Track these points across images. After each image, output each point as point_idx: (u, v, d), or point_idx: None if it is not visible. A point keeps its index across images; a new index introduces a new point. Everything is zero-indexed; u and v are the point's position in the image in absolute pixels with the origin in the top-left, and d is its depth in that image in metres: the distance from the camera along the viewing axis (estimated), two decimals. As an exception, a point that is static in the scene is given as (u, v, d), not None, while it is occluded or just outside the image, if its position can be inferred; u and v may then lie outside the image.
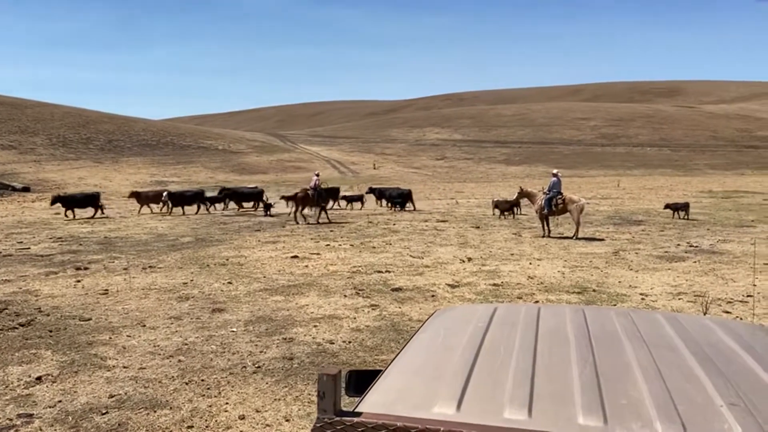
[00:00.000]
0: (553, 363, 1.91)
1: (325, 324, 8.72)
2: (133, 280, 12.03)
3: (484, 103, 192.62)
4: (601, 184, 51.78)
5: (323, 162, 79.11)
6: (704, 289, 10.70)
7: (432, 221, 23.09)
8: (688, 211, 23.27)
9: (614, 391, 1.71)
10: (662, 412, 1.59)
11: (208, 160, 74.82)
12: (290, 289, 11.09)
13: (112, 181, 55.78)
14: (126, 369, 6.92)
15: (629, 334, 2.19)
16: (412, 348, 2.26)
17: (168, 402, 5.98)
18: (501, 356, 1.97)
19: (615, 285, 11.22)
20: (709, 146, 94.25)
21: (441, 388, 1.74)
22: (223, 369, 6.89)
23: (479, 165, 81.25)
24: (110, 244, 17.56)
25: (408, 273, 12.55)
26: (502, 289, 10.99)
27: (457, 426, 1.37)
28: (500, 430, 1.36)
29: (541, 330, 2.23)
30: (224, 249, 16.20)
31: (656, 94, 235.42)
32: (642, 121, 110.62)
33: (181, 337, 8.11)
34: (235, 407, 5.86)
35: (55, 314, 9.39)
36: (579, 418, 1.56)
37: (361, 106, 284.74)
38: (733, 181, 55.39)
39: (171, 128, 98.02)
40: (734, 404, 1.64)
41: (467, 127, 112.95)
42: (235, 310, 9.57)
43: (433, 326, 2.51)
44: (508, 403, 1.63)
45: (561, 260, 13.99)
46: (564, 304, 8.67)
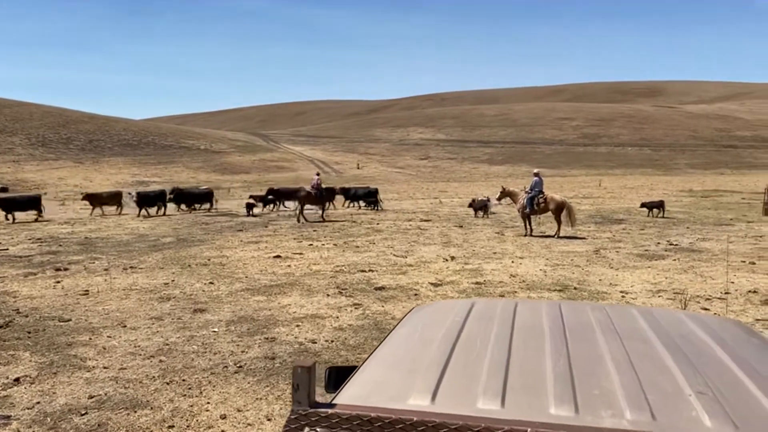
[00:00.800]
0: (527, 355, 1.94)
1: (308, 323, 8.71)
2: (113, 280, 11.93)
3: (467, 103, 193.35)
4: (582, 183, 52.23)
5: (306, 162, 78.96)
6: (683, 287, 10.84)
7: (416, 220, 23.15)
8: (663, 209, 23.60)
9: (587, 382, 1.74)
10: (632, 401, 1.62)
11: (189, 160, 74.35)
12: (272, 288, 11.05)
13: (92, 181, 55.25)
14: (106, 369, 6.86)
15: (603, 327, 2.22)
16: (390, 342, 2.27)
17: (149, 402, 5.94)
18: (477, 349, 1.99)
19: (596, 283, 11.33)
20: (689, 146, 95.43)
21: (416, 380, 1.76)
22: (205, 369, 6.86)
23: (462, 165, 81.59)
24: (91, 244, 17.39)
25: (391, 272, 12.57)
26: (484, 288, 11.05)
27: (429, 416, 1.39)
28: (472, 420, 1.38)
29: (517, 324, 2.26)
30: (206, 249, 16.11)
31: (637, 94, 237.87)
32: (623, 121, 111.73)
33: (162, 338, 8.05)
34: (216, 407, 5.83)
35: (34, 315, 9.29)
36: (551, 408, 1.59)
37: (345, 105, 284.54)
38: (712, 180, 56.15)
39: (152, 128, 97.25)
40: (702, 393, 1.67)
41: (450, 127, 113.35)
42: (216, 310, 9.53)
43: (411, 321, 2.53)
44: (482, 394, 1.65)
45: (543, 259, 14.09)
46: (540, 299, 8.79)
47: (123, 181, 56.80)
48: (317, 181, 24.27)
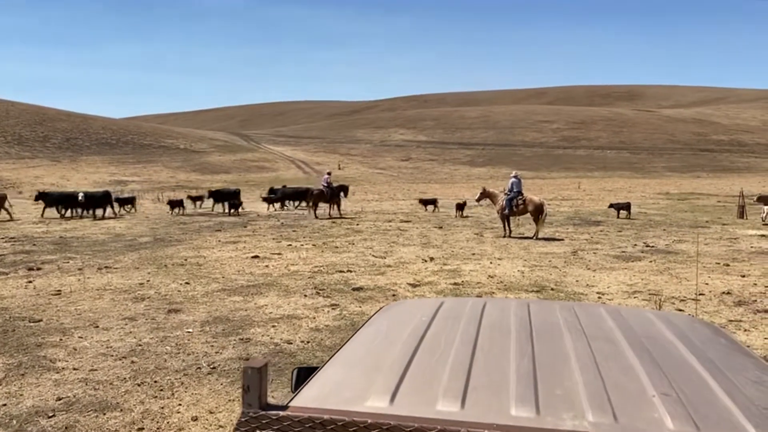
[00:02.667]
0: (491, 355, 1.91)
1: (284, 324, 8.64)
2: (87, 280, 11.74)
3: (449, 105, 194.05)
4: (562, 185, 52.62)
5: (287, 162, 78.66)
6: (659, 288, 10.93)
7: (396, 221, 23.13)
8: (629, 211, 23.96)
9: (550, 382, 1.71)
10: (595, 402, 1.59)
11: (169, 159, 73.67)
12: (249, 289, 10.95)
13: (70, 180, 54.49)
14: (76, 371, 6.73)
15: (570, 327, 2.20)
16: (355, 341, 2.23)
17: (119, 404, 5.83)
18: (441, 349, 1.96)
19: (573, 284, 11.38)
20: (666, 149, 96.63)
21: (377, 381, 1.72)
22: (177, 370, 6.75)
23: (443, 166, 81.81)
24: (65, 244, 17.12)
25: (370, 273, 12.53)
26: (462, 288, 11.05)
27: (384, 418, 1.35)
28: (429, 422, 1.34)
29: (483, 323, 2.23)
30: (183, 249, 15.94)
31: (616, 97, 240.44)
32: (602, 124, 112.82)
33: (135, 338, 7.93)
34: (188, 408, 5.74)
35: (4, 315, 9.09)
36: (512, 408, 1.56)
37: (326, 106, 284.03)
38: (689, 183, 56.88)
39: (131, 127, 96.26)
40: (666, 394, 1.65)
41: (432, 128, 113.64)
42: (191, 310, 9.41)
43: (378, 320, 2.49)
44: (442, 395, 1.61)
45: (521, 260, 14.14)
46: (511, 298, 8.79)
47: (101, 180, 56.05)
48: (328, 179, 25.20)
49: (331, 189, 24.82)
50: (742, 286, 11.01)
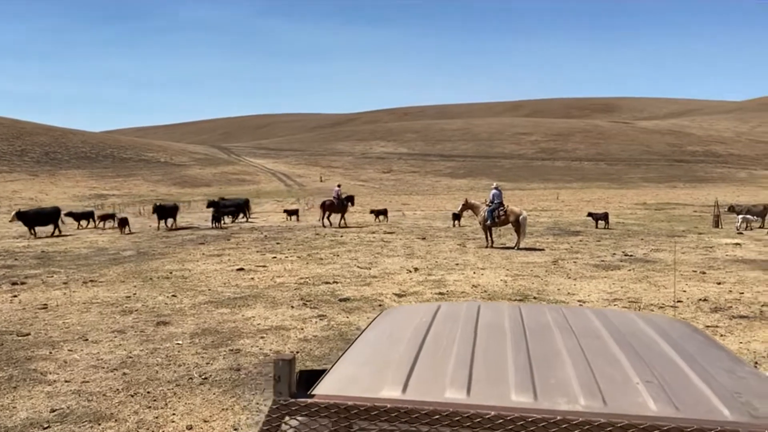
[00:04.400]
0: (490, 351, 2.08)
1: (272, 335, 8.74)
2: (73, 294, 11.73)
3: (429, 118, 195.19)
4: (541, 196, 53.20)
5: (269, 175, 78.54)
6: (638, 296, 11.21)
7: (379, 233, 23.29)
8: (607, 221, 24.41)
9: (544, 373, 1.90)
10: (586, 389, 1.78)
11: (149, 173, 73.19)
12: (236, 301, 11.03)
13: (48, 194, 53.89)
14: (68, 383, 6.78)
15: (560, 326, 2.39)
16: (360, 342, 2.40)
17: (113, 414, 5.90)
18: (443, 346, 2.13)
19: (554, 292, 11.62)
20: (643, 160, 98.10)
21: (388, 374, 1.88)
22: (170, 381, 6.83)
23: (425, 178, 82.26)
24: (48, 258, 17.03)
25: (355, 283, 12.66)
26: (447, 298, 11.23)
27: (402, 403, 1.52)
28: (441, 406, 1.51)
29: (480, 324, 2.41)
30: (167, 262, 15.94)
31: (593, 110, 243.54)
32: (580, 136, 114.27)
33: (125, 351, 7.98)
34: (182, 418, 5.83)
35: (-9, 330, 9.08)
36: (512, 395, 1.74)
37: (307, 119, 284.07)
38: (665, 193, 57.81)
39: (111, 140, 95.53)
40: (649, 381, 1.84)
41: (413, 140, 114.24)
42: (180, 322, 9.47)
43: (380, 323, 2.66)
44: (449, 385, 1.78)
45: (503, 269, 14.37)
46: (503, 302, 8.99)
47: (81, 194, 55.54)
48: (338, 191, 27.18)
49: (340, 200, 26.59)
50: (718, 293, 11.33)
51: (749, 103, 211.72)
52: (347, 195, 28.20)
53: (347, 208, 27.17)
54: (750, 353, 7.67)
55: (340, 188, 27.97)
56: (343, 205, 26.78)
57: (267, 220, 30.22)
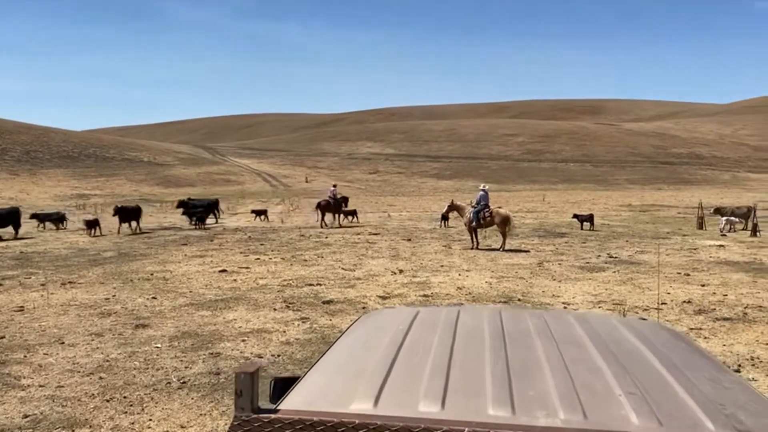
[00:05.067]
0: (467, 360, 2.00)
1: (254, 338, 8.61)
2: (51, 296, 11.52)
3: (416, 119, 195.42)
4: (527, 198, 53.37)
5: (253, 175, 78.17)
6: (622, 298, 11.21)
7: (364, 234, 23.19)
8: (592, 222, 24.52)
9: (523, 384, 1.81)
10: (566, 401, 1.69)
11: (132, 172, 72.57)
12: (218, 303, 10.88)
13: (29, 194, 53.20)
14: (42, 388, 6.62)
15: (540, 332, 2.31)
16: (335, 349, 2.30)
17: (87, 420, 5.76)
18: (419, 355, 2.04)
19: (539, 294, 11.59)
20: (628, 162, 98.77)
21: (360, 385, 1.79)
22: (147, 385, 6.69)
23: (411, 179, 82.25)
24: (27, 259, 16.75)
25: (339, 285, 12.55)
26: (432, 300, 11.16)
27: (371, 419, 1.42)
28: (413, 421, 1.42)
29: (459, 330, 2.32)
30: (149, 263, 15.74)
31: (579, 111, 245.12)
32: (566, 138, 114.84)
33: (103, 354, 7.82)
34: (159, 424, 5.70)
35: (-36, 333, 8.87)
36: (489, 408, 1.65)
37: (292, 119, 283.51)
38: (650, 195, 58.22)
39: (93, 139, 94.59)
40: (632, 393, 1.76)
41: (399, 141, 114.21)
42: (159, 325, 9.31)
43: (357, 329, 2.57)
44: (423, 397, 1.69)
45: (489, 271, 14.33)
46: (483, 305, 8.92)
47: (62, 194, 54.85)
48: (334, 191, 27.76)
49: (335, 200, 27.28)
50: (702, 295, 11.35)
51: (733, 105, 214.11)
52: (342, 196, 28.83)
53: (342, 208, 27.90)
54: (733, 355, 7.67)
55: (336, 188, 28.62)
56: (338, 205, 27.47)
57: (250, 221, 30.00)
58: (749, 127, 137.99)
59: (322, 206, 27.28)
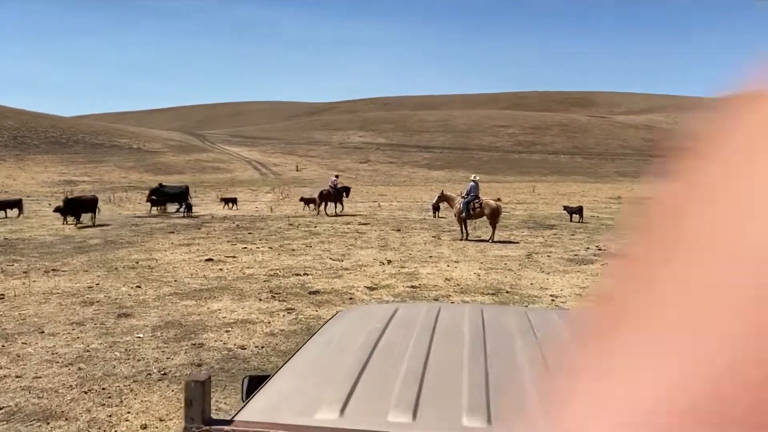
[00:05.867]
0: (444, 364, 1.89)
1: (238, 329, 8.49)
2: (33, 284, 11.34)
3: (408, 109, 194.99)
4: (517, 189, 53.40)
5: (244, 163, 77.76)
6: (610, 291, 11.15)
7: (354, 224, 23.06)
8: (581, 214, 24.51)
9: (501, 390, 1.70)
10: (547, 411, 1.58)
11: (121, 159, 71.99)
12: (202, 293, 10.74)
13: (16, 179, 52.69)
14: (19, 378, 6.47)
15: (523, 332, 2.20)
16: (306, 350, 2.19)
17: (64, 413, 5.63)
18: (393, 358, 1.93)
19: (527, 287, 11.52)
20: (618, 155, 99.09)
21: (327, 392, 1.68)
22: (127, 377, 6.56)
23: (402, 169, 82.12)
24: (10, 246, 16.51)
25: (327, 276, 12.44)
26: (419, 291, 11.06)
27: (334, 431, 1.31)
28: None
29: (437, 330, 2.21)
30: (134, 251, 15.55)
31: (570, 103, 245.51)
32: (557, 130, 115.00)
33: (83, 344, 7.68)
34: (137, 416, 5.58)
35: (-58, 321, 8.70)
36: (463, 419, 1.54)
37: (284, 107, 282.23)
38: (640, 188, 58.35)
39: (82, 126, 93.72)
40: None
41: (391, 131, 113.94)
42: (142, 315, 9.17)
43: (332, 327, 2.45)
44: (394, 407, 1.58)
45: (477, 263, 14.25)
46: (466, 302, 8.79)
47: (50, 180, 54.35)
48: (335, 181, 28.24)
49: (336, 190, 27.80)
50: (689, 289, 11.32)
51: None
52: (343, 186, 29.23)
53: (342, 198, 28.30)
54: (720, 351, 7.63)
55: (338, 179, 29.12)
56: (338, 194, 27.90)
57: (239, 209, 29.80)
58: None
59: (322, 195, 27.87)
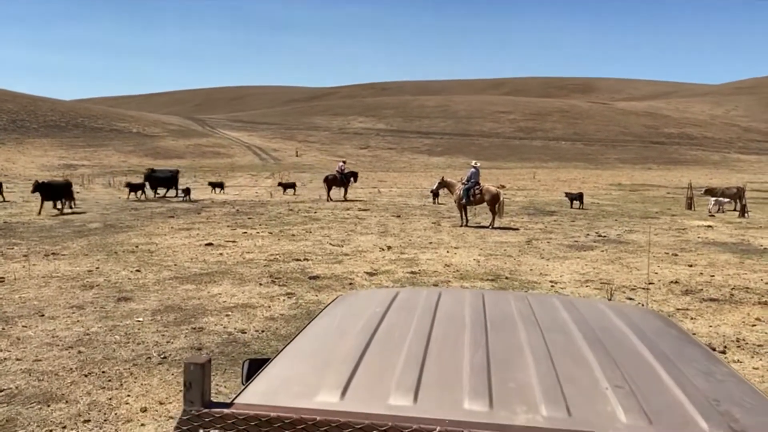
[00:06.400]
0: (445, 347, 1.88)
1: (238, 313, 8.50)
2: (33, 267, 11.34)
3: (408, 94, 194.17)
4: (518, 175, 53.31)
5: (243, 148, 77.57)
6: (610, 277, 11.17)
7: (354, 210, 23.06)
8: (582, 201, 24.50)
9: (503, 375, 1.69)
10: (548, 395, 1.57)
11: (121, 143, 71.80)
12: (202, 277, 10.75)
13: (15, 163, 52.58)
14: (19, 361, 6.49)
15: (525, 318, 2.19)
16: (306, 334, 2.18)
17: (64, 395, 5.64)
18: (394, 342, 1.92)
19: (527, 273, 11.53)
20: (619, 141, 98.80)
21: (327, 375, 1.67)
22: (127, 360, 6.58)
23: (402, 155, 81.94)
24: (10, 229, 16.51)
25: (327, 261, 12.44)
26: (419, 277, 11.07)
27: (334, 415, 1.30)
28: (379, 418, 1.30)
29: (438, 314, 2.20)
30: (134, 235, 15.55)
31: (572, 89, 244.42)
32: (558, 116, 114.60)
33: (83, 328, 7.69)
34: (137, 399, 5.60)
35: (-58, 304, 8.70)
36: (465, 402, 1.53)
37: (284, 91, 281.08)
38: (640, 174, 58.34)
39: (82, 109, 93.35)
40: (619, 386, 1.65)
41: (391, 116, 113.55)
42: (142, 299, 9.18)
43: (331, 311, 2.44)
44: (394, 390, 1.57)
45: (477, 249, 14.25)
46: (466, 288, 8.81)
47: (49, 163, 54.24)
48: (342, 167, 29.32)
49: (343, 175, 28.57)
50: (689, 276, 11.34)
51: (724, 87, 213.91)
52: (350, 171, 29.92)
53: (349, 183, 28.95)
54: (719, 337, 7.64)
55: (345, 164, 29.98)
56: (345, 180, 28.52)
57: (240, 194, 29.78)
58: (741, 108, 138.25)
59: (328, 180, 28.54)
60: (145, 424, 5.13)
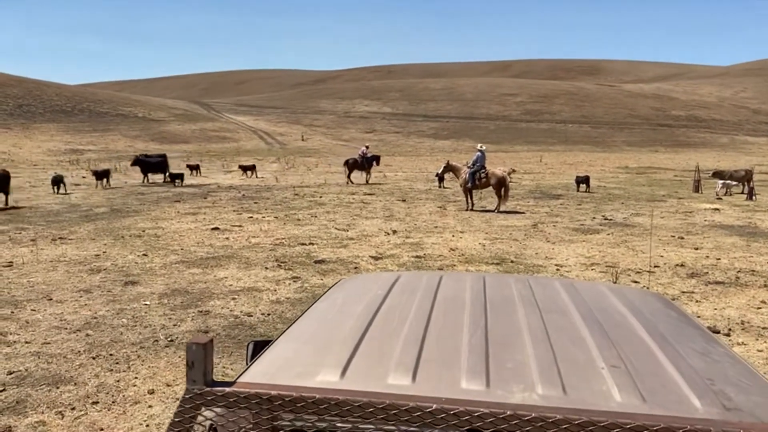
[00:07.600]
0: (445, 328, 1.90)
1: (244, 296, 8.57)
2: (40, 251, 11.43)
3: (413, 77, 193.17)
4: (524, 159, 53.10)
5: (249, 132, 77.52)
6: (616, 260, 11.17)
7: (359, 194, 23.07)
8: (588, 184, 24.46)
9: (501, 355, 1.71)
10: (545, 375, 1.60)
11: (127, 128, 71.86)
12: (209, 261, 10.81)
13: (22, 148, 52.75)
14: (28, 344, 6.57)
15: (524, 299, 2.21)
16: (308, 316, 2.21)
17: (72, 378, 5.72)
18: (394, 323, 1.94)
19: (532, 256, 11.54)
20: (626, 124, 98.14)
21: (328, 356, 1.70)
22: (134, 343, 6.65)
23: (408, 138, 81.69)
24: (18, 214, 16.62)
25: (332, 245, 12.49)
26: (424, 261, 11.10)
27: (333, 393, 1.33)
28: (377, 396, 1.32)
29: (439, 297, 2.22)
30: (141, 220, 15.63)
31: (579, 72, 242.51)
32: (565, 98, 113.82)
33: (91, 311, 7.77)
34: (144, 381, 5.67)
35: (-48, 288, 8.80)
36: (462, 382, 1.55)
37: (289, 75, 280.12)
38: (647, 157, 58.00)
39: (87, 94, 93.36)
40: (615, 366, 1.67)
41: (396, 100, 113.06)
42: (149, 282, 9.25)
43: (333, 294, 2.47)
44: (393, 369, 1.60)
45: (482, 233, 14.26)
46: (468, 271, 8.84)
47: (56, 148, 54.38)
48: (364, 150, 29.51)
49: (365, 159, 28.72)
50: (695, 259, 11.32)
51: (733, 68, 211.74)
52: (373, 155, 30.10)
53: (371, 167, 29.13)
54: (724, 319, 7.65)
55: (368, 149, 30.21)
56: (368, 163, 28.73)
57: (244, 179, 29.82)
58: (749, 90, 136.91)
59: (349, 164, 28.66)
60: (152, 405, 5.20)
